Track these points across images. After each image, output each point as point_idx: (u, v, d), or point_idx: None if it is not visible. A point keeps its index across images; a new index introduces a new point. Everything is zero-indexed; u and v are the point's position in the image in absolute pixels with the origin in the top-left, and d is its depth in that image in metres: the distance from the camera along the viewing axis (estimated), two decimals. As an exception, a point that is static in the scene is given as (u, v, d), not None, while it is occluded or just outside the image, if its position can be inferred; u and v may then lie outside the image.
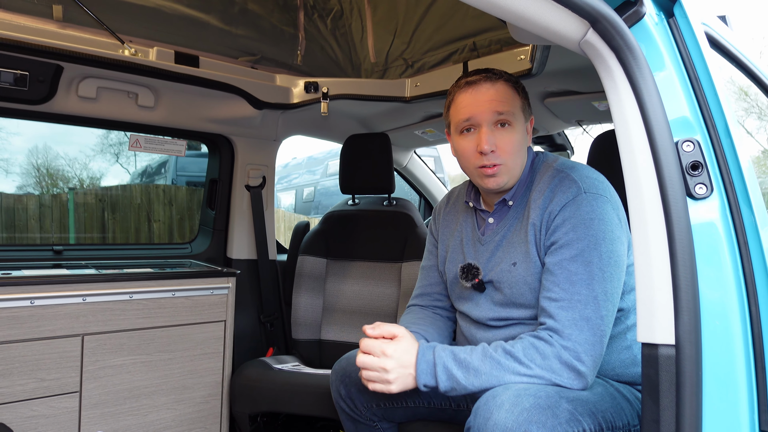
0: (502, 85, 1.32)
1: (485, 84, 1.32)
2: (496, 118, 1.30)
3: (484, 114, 1.30)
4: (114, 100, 2.07)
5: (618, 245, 1.21)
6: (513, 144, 1.30)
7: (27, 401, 1.67)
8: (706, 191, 0.91)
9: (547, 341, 1.16)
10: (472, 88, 1.33)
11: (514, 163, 1.32)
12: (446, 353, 1.21)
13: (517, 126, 1.32)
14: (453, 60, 2.11)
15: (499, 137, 1.30)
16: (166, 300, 1.93)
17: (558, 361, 1.14)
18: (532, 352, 1.15)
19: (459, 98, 1.35)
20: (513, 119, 1.31)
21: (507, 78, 1.34)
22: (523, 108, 1.35)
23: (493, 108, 1.29)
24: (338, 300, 2.45)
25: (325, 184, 10.23)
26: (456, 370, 1.18)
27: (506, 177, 1.32)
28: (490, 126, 1.30)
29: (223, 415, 2.09)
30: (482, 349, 1.20)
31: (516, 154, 1.32)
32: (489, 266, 1.37)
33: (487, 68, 1.37)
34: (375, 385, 1.24)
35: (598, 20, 0.92)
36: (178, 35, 2.09)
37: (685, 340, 0.83)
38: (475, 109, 1.31)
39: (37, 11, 1.81)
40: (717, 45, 1.22)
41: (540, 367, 1.14)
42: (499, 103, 1.30)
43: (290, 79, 2.31)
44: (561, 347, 1.14)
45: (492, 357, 1.17)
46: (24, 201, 4.24)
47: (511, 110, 1.30)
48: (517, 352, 1.16)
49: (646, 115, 0.89)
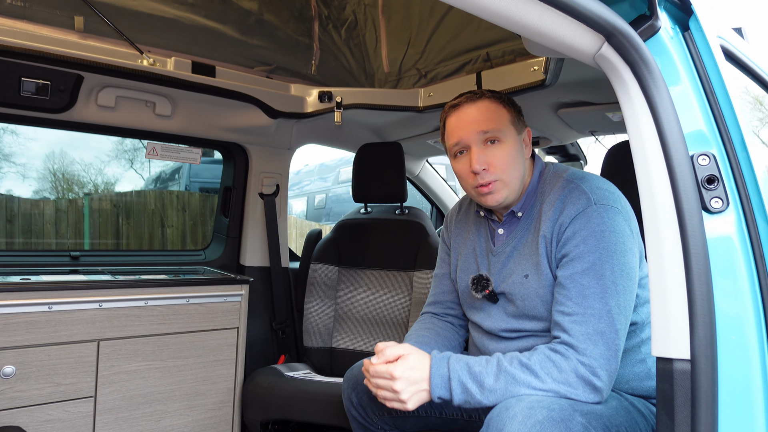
0: (485, 102, 1.34)
1: (466, 105, 1.35)
2: (483, 137, 1.31)
3: (470, 135, 1.32)
4: (132, 109, 2.10)
5: (630, 257, 1.21)
6: (504, 159, 1.31)
7: (43, 405, 1.69)
8: (722, 205, 0.90)
9: (563, 355, 1.15)
10: (456, 111, 1.36)
11: (510, 177, 1.32)
12: (461, 366, 1.20)
13: (507, 140, 1.32)
14: (466, 70, 2.12)
15: (490, 154, 1.31)
16: (181, 306, 1.95)
17: (575, 375, 1.13)
18: (548, 366, 1.14)
19: (448, 123, 1.39)
20: (501, 135, 1.31)
21: (489, 95, 1.36)
22: (513, 121, 1.35)
23: (477, 128, 1.31)
24: (350, 308, 2.46)
25: (336, 191, 10.26)
26: (470, 384, 1.17)
27: (504, 192, 1.32)
28: (479, 145, 1.32)
29: (234, 422, 2.10)
30: (497, 362, 1.19)
31: (510, 168, 1.32)
32: (501, 278, 1.37)
33: (470, 90, 1.40)
34: (392, 404, 1.23)
35: (613, 34, 0.92)
36: (195, 45, 2.13)
37: (700, 354, 0.83)
38: (461, 132, 1.34)
39: (59, 22, 1.85)
40: (732, 58, 1.21)
41: (556, 381, 1.13)
42: (483, 122, 1.31)
43: (304, 88, 2.34)
44: (578, 362, 1.13)
45: (507, 371, 1.16)
46: (41, 206, 4.31)
47: (496, 126, 1.31)
48: (533, 365, 1.15)
49: (661, 129, 0.89)
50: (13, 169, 5.76)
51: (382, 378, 1.23)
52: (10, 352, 1.64)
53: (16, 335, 1.64)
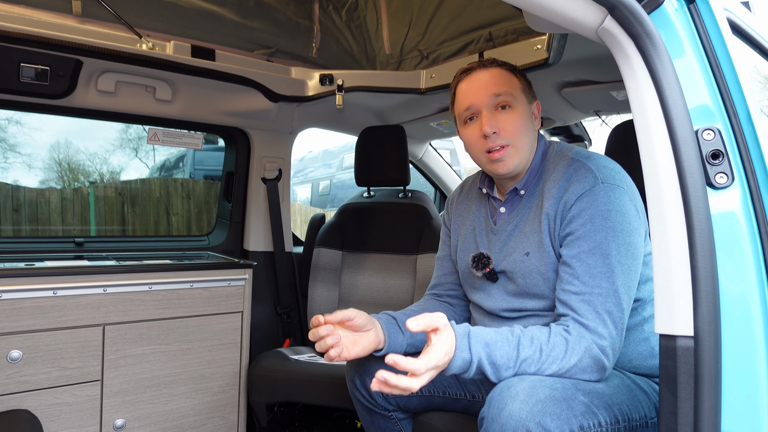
0: (496, 69, 1.34)
1: (478, 70, 1.35)
2: (494, 101, 1.31)
3: (482, 98, 1.31)
4: (132, 94, 2.09)
5: (635, 237, 1.20)
6: (516, 124, 1.30)
7: (50, 389, 1.71)
8: (727, 180, 0.89)
9: (578, 336, 1.13)
10: (468, 76, 1.36)
11: (522, 143, 1.31)
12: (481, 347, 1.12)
13: (519, 107, 1.32)
14: (468, 51, 2.09)
15: (501, 119, 1.30)
16: (185, 291, 1.96)
17: (588, 356, 1.12)
18: (565, 350, 1.13)
19: (458, 89, 1.38)
20: (512, 100, 1.31)
21: (500, 63, 1.36)
22: (524, 90, 1.35)
23: (489, 91, 1.31)
24: (354, 292, 2.46)
25: (340, 177, 10.25)
26: (488, 368, 1.12)
27: (515, 159, 1.30)
28: (490, 109, 1.31)
29: (240, 405, 2.12)
30: (518, 345, 1.13)
31: (522, 134, 1.31)
32: (501, 256, 1.36)
33: (479, 59, 1.39)
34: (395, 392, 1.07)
35: (616, 7, 0.90)
36: (194, 29, 2.11)
37: (704, 331, 0.82)
38: (472, 96, 1.33)
39: (56, 7, 1.84)
40: (739, 31, 1.19)
41: (572, 366, 1.12)
42: (495, 86, 1.31)
43: (305, 71, 2.32)
44: (592, 342, 1.13)
45: (526, 361, 1.12)
46: (47, 195, 4.32)
47: (508, 90, 1.31)
48: (554, 351, 1.12)
49: (665, 103, 0.88)
50: (19, 159, 5.78)
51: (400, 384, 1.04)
52: (17, 336, 1.65)
53: (22, 320, 1.66)
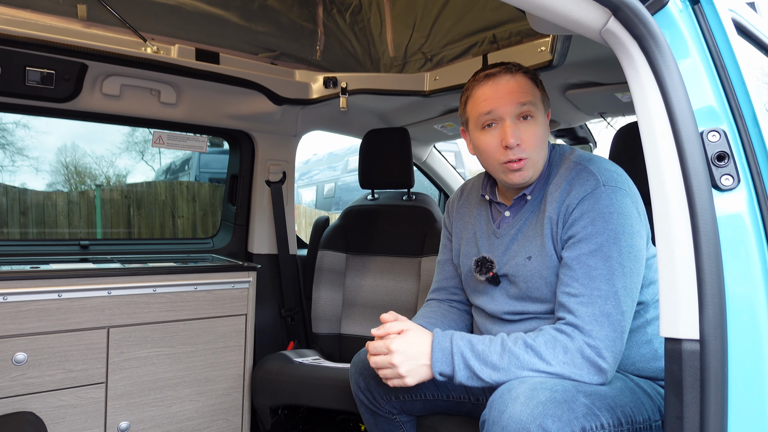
0: (522, 76, 1.30)
1: (505, 76, 1.29)
2: (519, 110, 1.27)
3: (507, 106, 1.26)
4: (137, 98, 2.10)
5: (637, 239, 1.19)
6: (537, 137, 1.28)
7: (55, 391, 1.72)
8: (733, 182, 0.88)
9: (569, 336, 1.14)
10: (492, 80, 1.29)
11: (538, 157, 1.29)
12: (464, 342, 1.19)
13: (539, 118, 1.30)
14: (472, 53, 2.09)
15: (523, 130, 1.27)
16: (189, 294, 1.96)
17: (580, 356, 1.12)
18: (554, 347, 1.13)
19: (478, 92, 1.31)
20: (535, 111, 1.28)
21: (525, 70, 1.32)
22: (543, 100, 1.33)
23: (515, 99, 1.26)
24: (358, 294, 2.46)
25: (345, 180, 10.27)
26: (473, 361, 1.16)
27: (531, 171, 1.29)
28: (513, 119, 1.27)
29: (244, 407, 2.12)
30: (501, 341, 1.18)
31: (540, 147, 1.29)
32: (504, 260, 1.36)
33: (503, 62, 1.35)
34: (392, 381, 1.23)
35: (620, 8, 0.90)
36: (198, 32, 2.11)
37: (709, 335, 0.81)
38: (496, 101, 1.27)
39: (62, 11, 1.85)
40: (745, 32, 1.18)
41: (561, 363, 1.12)
42: (522, 94, 1.27)
43: (309, 74, 2.32)
44: (584, 343, 1.12)
45: (511, 351, 1.15)
46: (53, 198, 4.35)
47: (533, 101, 1.28)
48: (538, 346, 1.14)
49: (669, 105, 0.87)
50: (26, 163, 5.82)
51: (380, 354, 1.23)
52: (22, 339, 1.66)
53: (27, 323, 1.66)
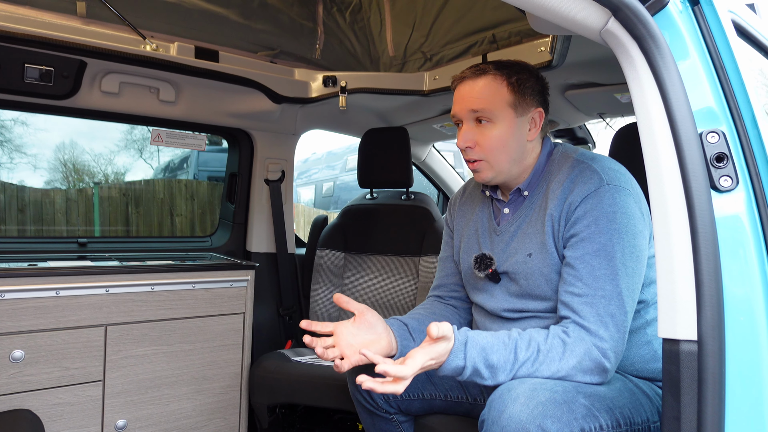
0: (486, 80, 1.30)
1: (468, 81, 1.33)
2: (473, 116, 1.31)
3: (462, 111, 1.33)
4: (136, 95, 2.10)
5: (640, 239, 1.19)
6: (491, 140, 1.29)
7: (52, 389, 1.71)
8: (732, 183, 0.88)
9: (577, 339, 1.13)
10: (460, 84, 1.36)
11: (496, 160, 1.30)
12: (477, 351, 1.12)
13: (500, 122, 1.29)
14: (472, 53, 2.09)
15: (479, 133, 1.30)
16: (187, 292, 1.96)
17: (588, 359, 1.12)
18: (563, 353, 1.12)
19: (454, 93, 1.38)
20: (492, 116, 1.29)
21: (494, 72, 1.30)
22: (514, 103, 1.29)
23: (468, 106, 1.31)
24: (356, 294, 2.46)
25: (344, 179, 10.26)
26: (485, 371, 1.12)
27: (490, 173, 1.32)
28: (471, 122, 1.32)
29: (242, 406, 2.12)
30: (515, 349, 1.13)
31: (496, 151, 1.30)
32: (504, 257, 1.36)
33: (478, 63, 1.36)
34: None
35: (620, 8, 0.90)
36: (198, 30, 2.11)
37: (708, 335, 0.81)
38: (456, 105, 1.35)
39: (61, 8, 1.84)
40: (744, 33, 1.18)
41: (570, 368, 1.12)
42: (475, 101, 1.29)
43: (309, 73, 2.32)
44: (592, 345, 1.12)
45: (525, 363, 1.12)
46: (51, 195, 4.34)
47: (488, 107, 1.28)
48: (552, 352, 1.12)
49: (669, 106, 0.87)
50: (24, 160, 5.80)
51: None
52: (19, 336, 1.65)
53: (25, 320, 1.66)
